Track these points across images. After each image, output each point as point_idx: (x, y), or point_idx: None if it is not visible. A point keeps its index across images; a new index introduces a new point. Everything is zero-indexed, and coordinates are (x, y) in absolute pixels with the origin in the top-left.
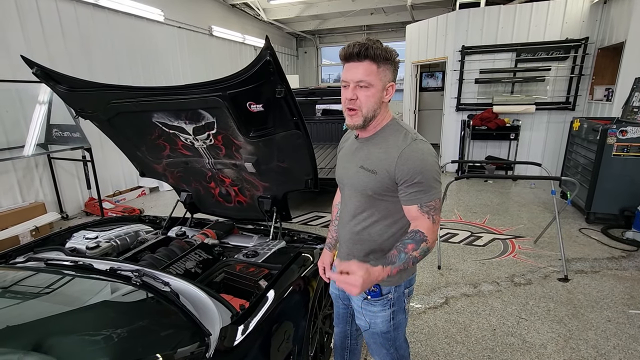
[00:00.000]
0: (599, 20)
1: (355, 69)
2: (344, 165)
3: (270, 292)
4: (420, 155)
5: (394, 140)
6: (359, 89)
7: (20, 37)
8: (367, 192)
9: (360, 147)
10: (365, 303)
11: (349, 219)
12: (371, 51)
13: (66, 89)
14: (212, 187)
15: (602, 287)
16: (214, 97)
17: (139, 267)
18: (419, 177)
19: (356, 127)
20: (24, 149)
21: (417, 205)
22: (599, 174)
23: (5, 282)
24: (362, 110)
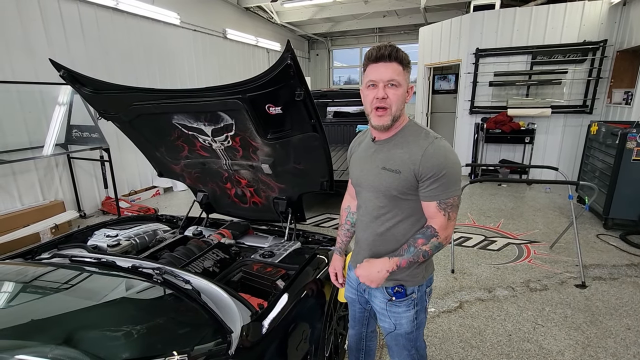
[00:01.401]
0: (618, 22)
1: (385, 69)
2: (361, 168)
3: (287, 292)
4: (443, 153)
5: (414, 140)
6: (389, 88)
7: (44, 40)
8: (391, 192)
9: (378, 149)
10: (390, 304)
11: (370, 221)
12: (400, 53)
13: (91, 91)
14: (228, 188)
15: (621, 294)
16: (233, 99)
17: (160, 265)
18: (441, 174)
19: (384, 127)
20: (44, 149)
21: (437, 202)
22: (617, 178)
23: (32, 277)
24: (392, 109)
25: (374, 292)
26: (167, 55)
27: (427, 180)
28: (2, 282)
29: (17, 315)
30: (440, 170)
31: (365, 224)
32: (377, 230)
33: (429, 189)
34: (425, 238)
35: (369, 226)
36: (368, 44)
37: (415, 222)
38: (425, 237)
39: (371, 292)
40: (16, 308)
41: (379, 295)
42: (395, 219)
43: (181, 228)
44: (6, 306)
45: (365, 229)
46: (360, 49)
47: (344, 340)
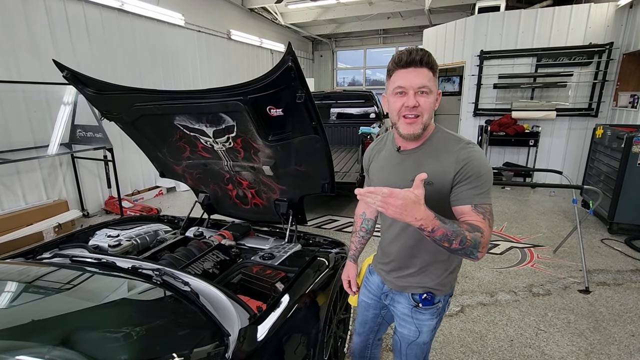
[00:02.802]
0: (624, 24)
1: (416, 74)
2: (386, 179)
3: (287, 295)
4: (479, 157)
5: (444, 147)
6: (420, 95)
7: (50, 41)
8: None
9: (404, 159)
10: (415, 311)
11: (399, 233)
12: (432, 58)
13: (94, 91)
14: (229, 189)
15: (625, 300)
16: (235, 101)
17: (159, 266)
18: (477, 177)
19: (415, 136)
20: (48, 148)
21: (471, 205)
22: (623, 183)
23: (32, 277)
24: (424, 117)
25: (397, 298)
26: (172, 56)
27: (461, 185)
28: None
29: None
30: (476, 173)
31: (393, 236)
32: (409, 242)
33: (462, 193)
34: (471, 228)
35: (399, 239)
36: (372, 45)
37: None
38: (471, 227)
39: (394, 297)
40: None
41: (403, 301)
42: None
43: (182, 229)
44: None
45: (393, 241)
46: (364, 50)
47: (343, 343)
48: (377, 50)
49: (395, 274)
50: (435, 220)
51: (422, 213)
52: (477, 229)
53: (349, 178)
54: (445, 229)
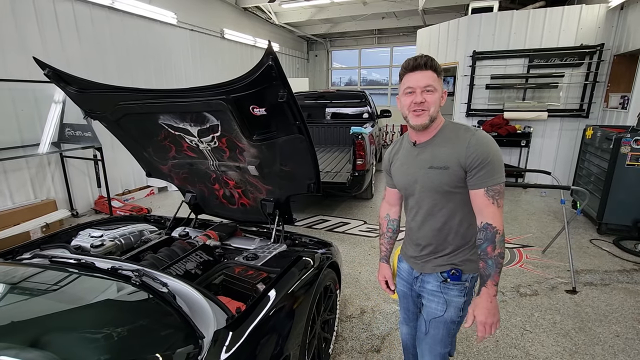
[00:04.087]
0: (615, 26)
1: (422, 76)
2: (406, 172)
3: (267, 295)
4: (486, 141)
5: (455, 136)
6: (426, 93)
7: (38, 39)
8: (443, 187)
9: (420, 151)
10: (444, 286)
11: (424, 219)
12: (435, 62)
13: (76, 90)
14: (216, 189)
15: (611, 300)
16: (217, 100)
17: (139, 267)
18: (487, 161)
19: (422, 126)
20: (39, 147)
21: (484, 188)
22: (611, 183)
23: (9, 279)
24: (430, 110)
25: (426, 279)
26: (164, 55)
27: (475, 169)
28: None
29: None
30: (485, 157)
31: (420, 223)
32: (435, 226)
33: (477, 177)
34: (490, 242)
35: (426, 224)
36: (367, 45)
37: (468, 211)
38: (489, 241)
39: (423, 279)
40: None
41: (432, 280)
42: (450, 211)
43: (168, 229)
44: None
45: (420, 228)
46: (359, 50)
47: (328, 344)
48: (372, 50)
49: (424, 259)
50: (489, 283)
51: (486, 301)
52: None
53: (340, 178)
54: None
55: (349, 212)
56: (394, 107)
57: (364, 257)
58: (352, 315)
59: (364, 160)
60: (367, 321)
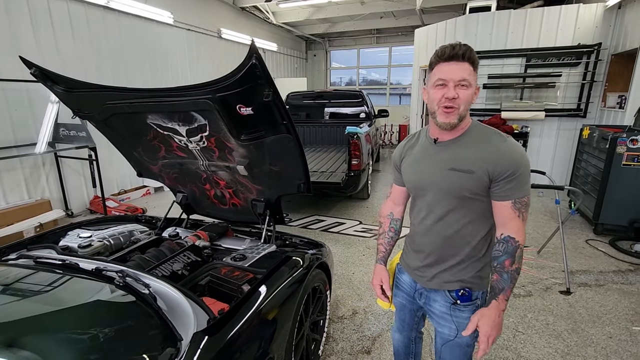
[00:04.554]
0: (612, 25)
1: (457, 68)
2: (421, 171)
3: (251, 296)
4: (518, 151)
5: (483, 139)
6: (460, 88)
7: (32, 39)
8: (462, 193)
9: (441, 150)
10: (454, 309)
11: (433, 223)
12: (473, 54)
13: (63, 89)
14: (207, 189)
15: (605, 301)
16: (204, 99)
17: (123, 268)
18: (518, 172)
19: (451, 125)
20: (36, 147)
21: (511, 201)
22: (607, 183)
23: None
24: (460, 109)
25: (432, 296)
26: (160, 55)
27: (504, 179)
28: None
29: None
30: (517, 168)
31: (427, 228)
32: (444, 233)
33: (505, 188)
34: (509, 256)
35: (434, 229)
36: (365, 45)
37: (483, 222)
38: (508, 254)
39: (429, 296)
40: None
41: (440, 299)
42: (465, 219)
43: (159, 229)
44: None
45: (427, 233)
46: (357, 50)
47: (318, 345)
48: (371, 50)
49: (429, 271)
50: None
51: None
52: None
53: (335, 178)
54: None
55: (344, 212)
56: (392, 107)
57: (358, 258)
58: (343, 316)
59: (360, 160)
60: (359, 322)
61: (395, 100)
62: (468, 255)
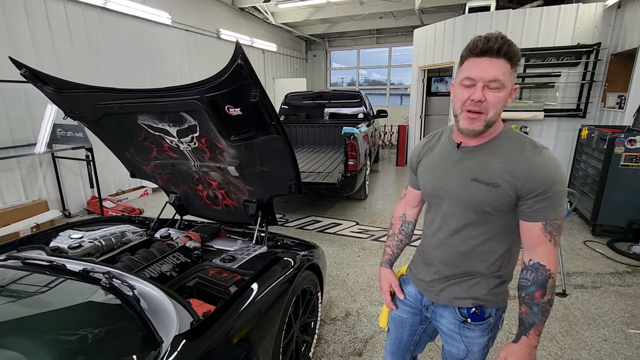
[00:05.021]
0: (612, 25)
1: (490, 65)
2: (438, 177)
3: (237, 298)
4: (555, 166)
5: (516, 149)
6: (489, 90)
7: (29, 40)
8: (483, 207)
9: (465, 157)
10: (463, 327)
11: (448, 237)
12: (512, 48)
13: (53, 90)
14: (199, 190)
15: (601, 303)
16: (192, 100)
17: (110, 269)
18: (552, 191)
19: (474, 132)
20: (36, 147)
21: (542, 222)
22: (605, 184)
23: None
24: (489, 114)
25: (440, 312)
26: (158, 56)
27: (535, 197)
28: None
29: None
30: (551, 186)
31: (441, 240)
32: (459, 248)
33: (535, 208)
34: (539, 287)
35: (448, 243)
36: (365, 45)
37: (503, 239)
38: (538, 285)
39: (436, 311)
40: None
41: (448, 315)
42: (484, 236)
43: (151, 230)
44: None
45: (440, 246)
46: (357, 50)
47: (309, 347)
48: (372, 50)
49: (438, 285)
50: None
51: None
52: (545, 279)
53: (331, 179)
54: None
55: (341, 213)
56: (393, 107)
57: (353, 259)
58: (336, 318)
59: (356, 160)
60: (351, 324)
61: (397, 100)
62: (483, 273)
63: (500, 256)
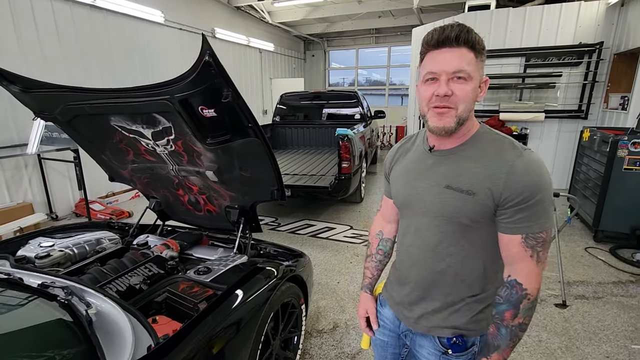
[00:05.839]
0: (615, 23)
1: (451, 56)
2: (411, 185)
3: (205, 318)
4: (538, 170)
5: (494, 150)
6: (455, 82)
7: (14, 38)
8: (459, 219)
9: (438, 161)
10: (444, 358)
11: (423, 252)
12: (472, 35)
13: (20, 89)
14: (180, 195)
15: (603, 315)
16: (162, 100)
17: (70, 284)
18: (534, 199)
19: (446, 130)
20: (28, 148)
21: (522, 235)
22: (608, 188)
23: None
24: (459, 109)
25: (419, 341)
26: (151, 55)
27: (514, 206)
28: None
29: None
30: (533, 193)
31: (414, 258)
32: (435, 267)
33: (514, 218)
34: (511, 307)
35: (422, 260)
36: (364, 45)
37: (484, 256)
38: (510, 304)
39: (415, 339)
40: None
41: (427, 344)
42: (462, 253)
43: (130, 236)
44: None
45: (417, 265)
46: (356, 50)
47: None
48: (371, 50)
49: (415, 309)
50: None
51: None
52: (519, 298)
53: (324, 182)
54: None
55: (335, 217)
56: (392, 108)
57: (345, 266)
58: (323, 330)
59: (350, 163)
60: (339, 337)
61: (397, 100)
62: (463, 296)
63: (482, 275)
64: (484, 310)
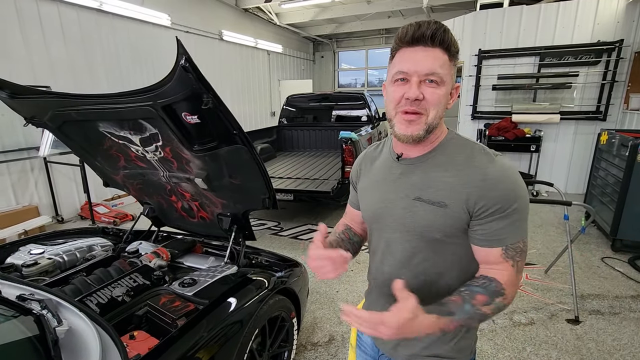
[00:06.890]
0: (636, 20)
1: (425, 56)
2: (379, 197)
3: (182, 336)
4: (512, 178)
5: (465, 158)
6: (427, 85)
7: (20, 42)
8: (431, 234)
9: (407, 170)
10: None
11: (396, 270)
12: (448, 36)
13: (8, 94)
14: (174, 201)
15: (619, 333)
16: (145, 106)
17: (48, 296)
18: (510, 208)
19: (413, 138)
20: (40, 151)
21: (502, 247)
22: (627, 194)
23: None
24: (429, 115)
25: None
26: (157, 58)
27: (489, 216)
28: None
29: None
30: (509, 202)
31: (386, 276)
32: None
33: (492, 230)
34: (488, 294)
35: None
36: (374, 46)
37: (460, 273)
38: (488, 293)
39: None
40: None
41: None
42: (435, 269)
43: (124, 242)
44: None
45: (385, 283)
46: (366, 50)
47: None
48: (381, 50)
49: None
50: (442, 319)
51: (424, 325)
52: (498, 293)
53: (326, 186)
54: (459, 319)
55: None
56: None
57: (345, 274)
58: (318, 343)
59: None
60: (334, 351)
61: None
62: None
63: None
64: (466, 335)
